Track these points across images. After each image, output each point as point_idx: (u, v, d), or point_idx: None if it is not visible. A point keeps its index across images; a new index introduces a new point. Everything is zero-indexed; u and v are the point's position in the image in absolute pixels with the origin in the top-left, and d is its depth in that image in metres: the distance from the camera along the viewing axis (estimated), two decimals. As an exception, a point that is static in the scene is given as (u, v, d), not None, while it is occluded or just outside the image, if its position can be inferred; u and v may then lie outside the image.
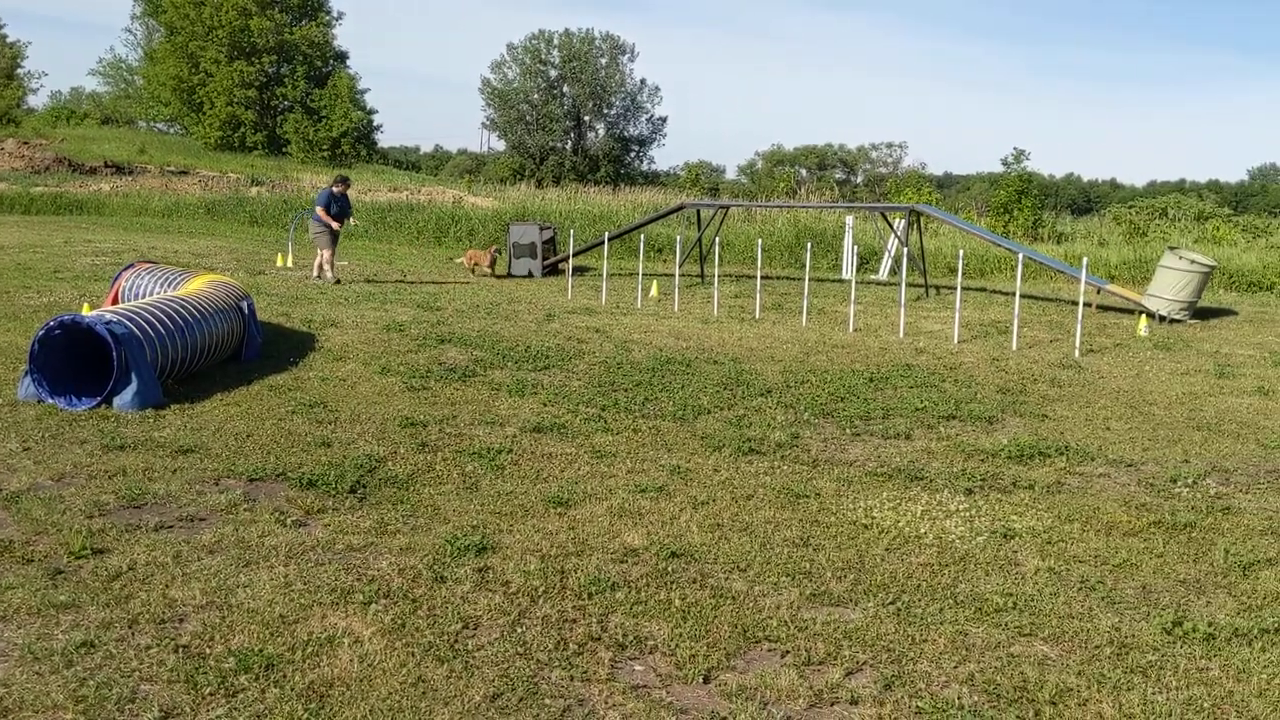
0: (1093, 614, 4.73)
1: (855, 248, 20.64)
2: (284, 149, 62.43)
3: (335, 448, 7.01)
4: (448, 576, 4.87)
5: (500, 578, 4.88)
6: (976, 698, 3.91)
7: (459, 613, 4.47)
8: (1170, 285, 16.10)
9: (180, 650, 4.04)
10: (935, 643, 4.36)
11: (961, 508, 6.24)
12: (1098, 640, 4.44)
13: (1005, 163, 32.42)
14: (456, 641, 4.21)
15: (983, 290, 19.82)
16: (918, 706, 3.82)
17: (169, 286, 10.81)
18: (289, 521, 5.55)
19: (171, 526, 5.42)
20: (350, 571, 4.90)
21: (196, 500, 5.83)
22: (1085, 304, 14.06)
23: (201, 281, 10.67)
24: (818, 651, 4.23)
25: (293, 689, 3.78)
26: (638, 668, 4.09)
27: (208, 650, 4.05)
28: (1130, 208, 34.74)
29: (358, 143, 63.98)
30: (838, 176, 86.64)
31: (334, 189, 17.76)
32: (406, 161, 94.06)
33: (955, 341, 13.13)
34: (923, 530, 5.81)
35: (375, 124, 67.65)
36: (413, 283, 17.81)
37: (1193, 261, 16.20)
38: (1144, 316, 15.58)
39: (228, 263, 19.44)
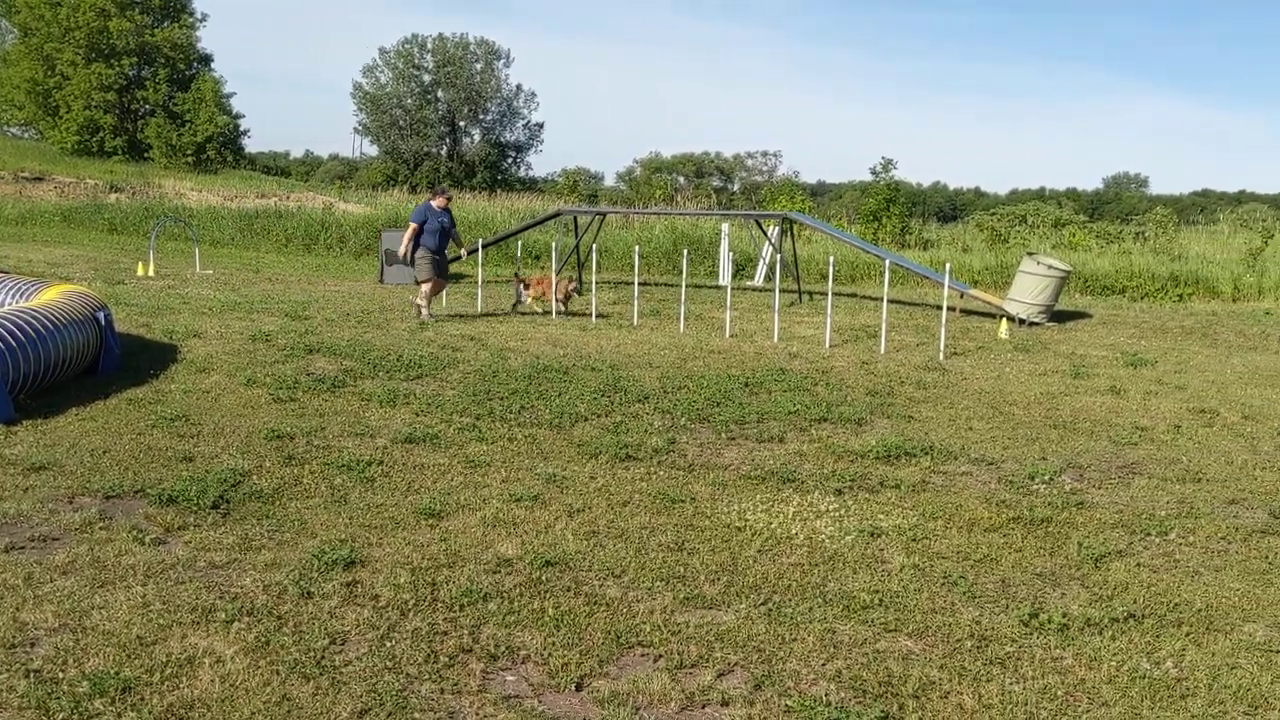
0: (955, 608, 4.87)
1: (731, 254, 20.92)
2: (145, 154, 60.38)
3: (197, 462, 6.79)
4: (314, 592, 4.75)
5: (369, 591, 4.79)
6: (843, 694, 3.99)
7: (326, 628, 4.37)
8: (1029, 289, 16.73)
9: (31, 675, 3.86)
10: (804, 641, 4.43)
11: (831, 508, 6.36)
12: (959, 634, 4.58)
13: (874, 172, 33.23)
14: (323, 658, 4.12)
15: (854, 296, 20.29)
16: (787, 705, 3.88)
17: (20, 297, 10.34)
18: (147, 539, 5.35)
19: (23, 547, 5.17)
20: (212, 589, 4.75)
21: (49, 519, 5.58)
22: (949, 308, 14.51)
23: (55, 292, 10.22)
24: (690, 654, 4.26)
25: (150, 712, 3.65)
26: (510, 678, 4.06)
27: (61, 674, 3.88)
28: (992, 215, 35.96)
29: (224, 148, 62.26)
30: (715, 184, 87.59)
31: (432, 202, 15.02)
32: (275, 167, 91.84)
33: (827, 346, 13.40)
34: (794, 531, 5.90)
35: (242, 128, 65.96)
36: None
37: (1050, 267, 16.86)
38: (1004, 320, 16.15)
39: (85, 272, 18.70)
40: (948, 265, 15.40)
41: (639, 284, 16.22)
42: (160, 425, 7.68)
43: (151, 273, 19.47)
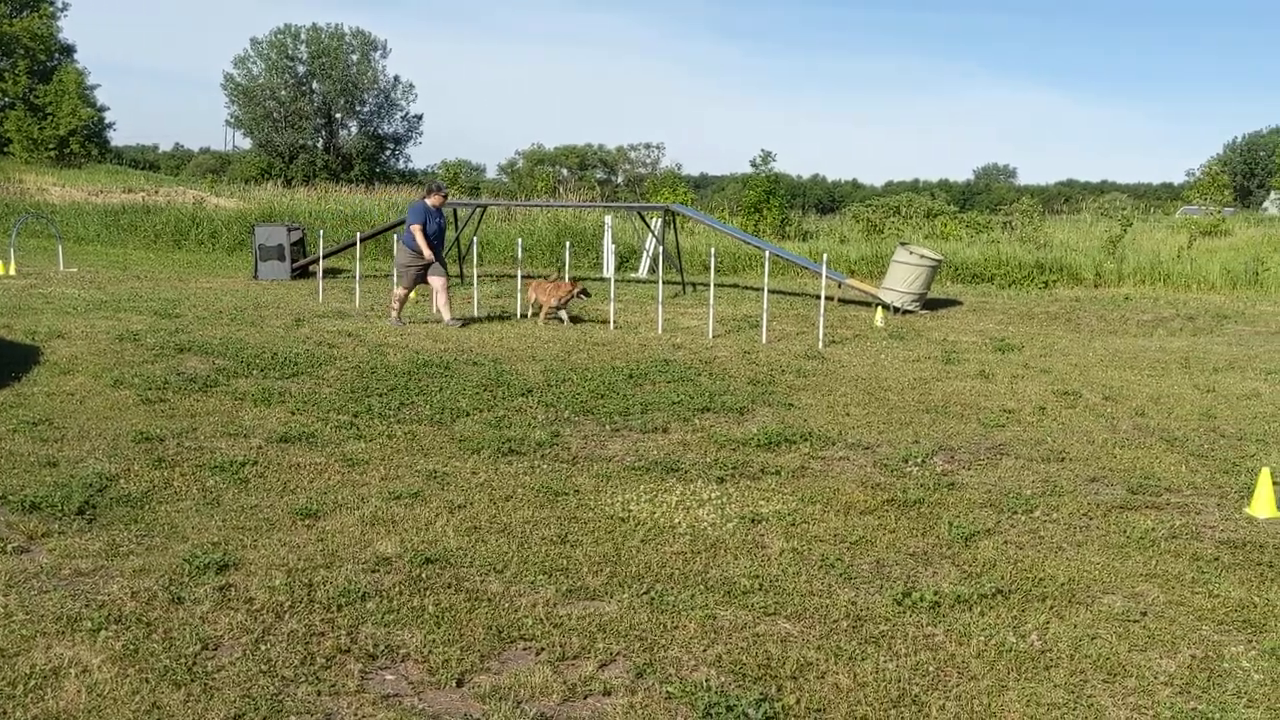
0: (831, 590, 4.98)
1: (614, 246, 20.96)
2: (5, 149, 57.78)
3: (62, 467, 6.53)
4: (186, 597, 4.62)
5: (243, 595, 4.68)
6: (724, 678, 4.04)
7: (198, 634, 4.26)
8: (902, 278, 17.16)
9: (-124, 697, 3.67)
10: (686, 628, 4.48)
11: (714, 496, 6.43)
12: (836, 615, 4.68)
13: (754, 164, 33.66)
14: (195, 664, 4.01)
15: (736, 286, 20.53)
16: (668, 691, 3.92)
17: None
18: (9, 548, 5.12)
19: None
20: (78, 598, 4.58)
21: (-102, 532, 5.31)
22: (827, 298, 14.80)
23: (-98, 292, 9.72)
24: (572, 646, 4.27)
25: (10, 729, 3.51)
26: (389, 677, 4.01)
27: (-88, 694, 3.70)
28: (868, 206, 36.75)
29: (88, 141, 60.06)
30: (599, 176, 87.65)
31: (428, 201, 13.91)
32: (144, 161, 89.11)
33: (710, 336, 13.54)
34: (677, 520, 5.96)
35: (107, 121, 63.74)
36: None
37: (922, 256, 17.32)
38: (880, 308, 16.55)
39: (-63, 271, 17.81)
40: (825, 256, 15.70)
41: (521, 277, 16.14)
42: (22, 430, 7.37)
43: (12, 271, 18.71)
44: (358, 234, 19.16)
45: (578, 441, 7.77)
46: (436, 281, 13.97)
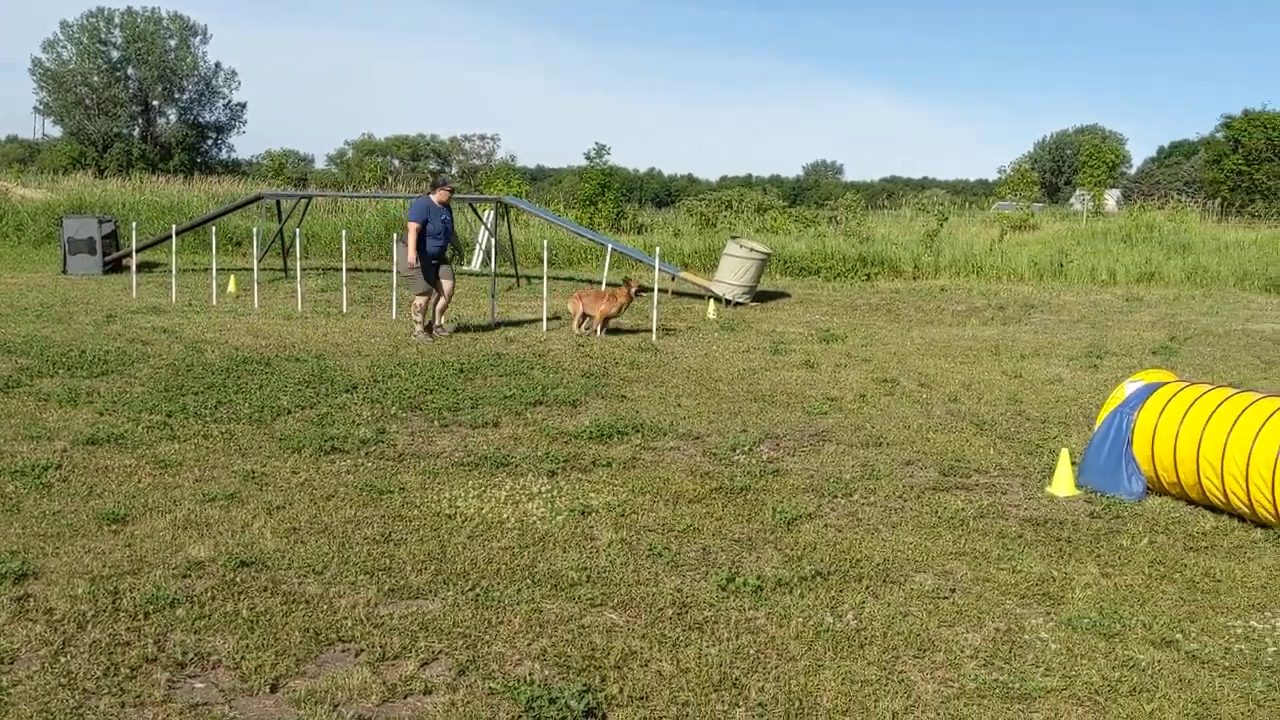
0: (658, 578, 5.03)
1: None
2: None
3: None
4: (-22, 610, 4.34)
5: (43, 605, 4.42)
6: (548, 671, 4.04)
7: (-10, 649, 4.01)
8: (733, 271, 17.49)
9: None
10: (511, 623, 4.46)
11: (544, 490, 6.42)
12: (661, 603, 4.73)
13: (588, 157, 33.69)
14: (-14, 682, 3.77)
15: (571, 279, 20.53)
16: (490, 688, 3.89)
17: None
18: None
19: None
20: None
21: None
22: (661, 290, 14.95)
23: None
24: (392, 646, 4.19)
25: None
26: (198, 685, 3.85)
27: None
28: (702, 200, 37.20)
29: (-125, 126, 55.77)
30: (432, 167, 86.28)
31: (432, 197, 12.85)
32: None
33: (545, 330, 13.51)
34: (505, 515, 5.92)
35: (-103, 105, 59.24)
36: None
37: (752, 250, 17.69)
38: (712, 301, 16.82)
39: None
40: (658, 249, 15.87)
41: (348, 270, 15.76)
42: None
43: None
44: (174, 226, 18.38)
45: (404, 438, 7.63)
46: (448, 285, 13.06)
